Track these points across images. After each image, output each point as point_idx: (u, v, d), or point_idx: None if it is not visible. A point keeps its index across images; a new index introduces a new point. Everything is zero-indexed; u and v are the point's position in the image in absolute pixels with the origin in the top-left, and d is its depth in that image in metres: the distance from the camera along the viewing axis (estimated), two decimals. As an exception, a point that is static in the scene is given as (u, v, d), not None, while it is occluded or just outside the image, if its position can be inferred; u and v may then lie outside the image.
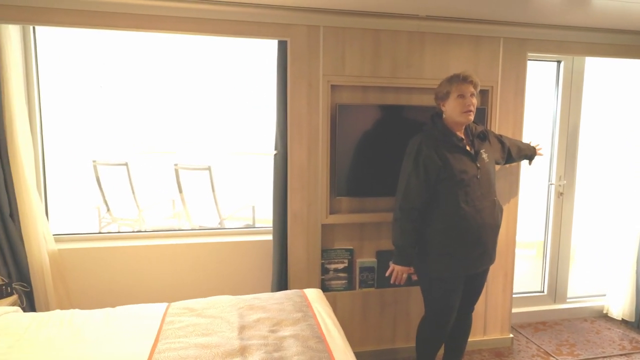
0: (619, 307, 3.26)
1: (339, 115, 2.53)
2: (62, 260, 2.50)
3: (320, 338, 1.62)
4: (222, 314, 1.80)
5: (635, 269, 3.17)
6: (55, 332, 1.67)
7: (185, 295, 2.66)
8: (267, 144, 2.65)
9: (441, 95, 2.15)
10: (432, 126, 2.16)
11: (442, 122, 2.14)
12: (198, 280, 2.72)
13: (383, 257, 2.74)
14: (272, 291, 2.58)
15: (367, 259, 2.75)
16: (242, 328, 1.69)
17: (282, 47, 2.50)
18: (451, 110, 2.10)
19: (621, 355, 2.86)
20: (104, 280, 2.59)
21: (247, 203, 4.45)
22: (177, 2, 2.29)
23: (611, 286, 3.32)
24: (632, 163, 3.17)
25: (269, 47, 2.61)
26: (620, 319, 3.28)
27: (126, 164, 4.34)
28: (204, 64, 4.20)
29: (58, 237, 2.60)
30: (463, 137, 2.14)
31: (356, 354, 2.72)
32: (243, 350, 1.53)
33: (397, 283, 2.18)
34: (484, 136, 2.23)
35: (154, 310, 1.84)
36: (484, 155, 2.16)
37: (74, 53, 4.09)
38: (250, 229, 2.95)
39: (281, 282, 2.62)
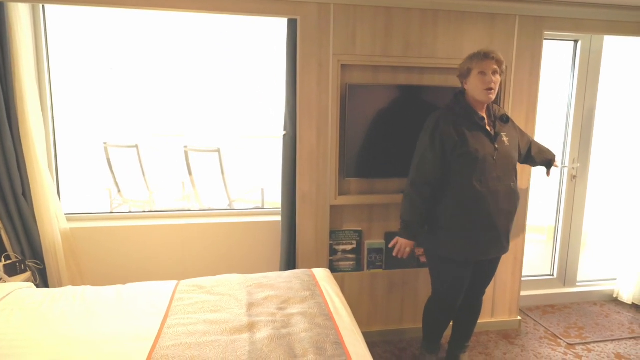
0: (630, 291, 3.22)
1: (349, 96, 2.49)
2: (74, 239, 2.53)
3: (328, 316, 1.62)
4: (230, 292, 1.81)
5: (647, 253, 3.12)
6: (67, 308, 1.69)
7: (195, 274, 2.69)
8: (276, 126, 2.62)
9: (463, 72, 2.09)
10: (454, 102, 2.11)
11: (465, 100, 2.09)
12: (207, 260, 2.74)
13: (391, 239, 2.71)
14: (280, 270, 2.59)
15: (375, 241, 2.74)
16: (250, 305, 1.70)
17: (292, 26, 2.45)
18: (473, 87, 2.04)
19: (630, 338, 2.84)
20: (116, 259, 2.62)
21: (256, 185, 4.45)
22: (185, -22, 2.25)
23: (622, 270, 3.27)
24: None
25: (279, 26, 2.56)
26: (631, 303, 3.24)
27: (136, 146, 4.36)
28: (214, 45, 4.15)
29: (70, 217, 2.63)
30: (485, 116, 2.09)
31: (364, 334, 2.74)
32: (251, 327, 1.53)
33: (399, 256, 2.16)
34: (507, 119, 2.17)
35: (164, 288, 1.85)
36: (505, 138, 2.09)
37: (84, 34, 4.07)
38: (259, 209, 2.95)
39: (289, 263, 2.62)
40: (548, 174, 2.44)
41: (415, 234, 2.13)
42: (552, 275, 3.37)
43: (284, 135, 2.54)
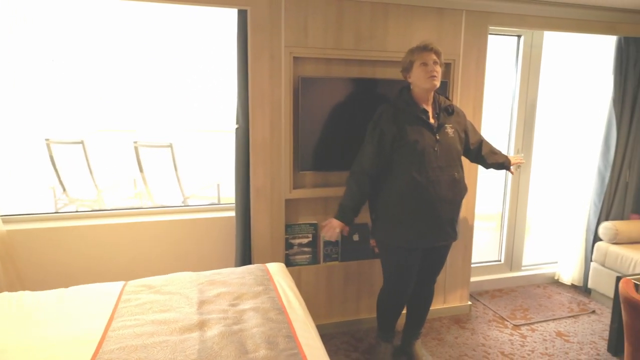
0: (569, 273, 3.43)
1: (301, 88, 2.47)
2: (12, 242, 2.36)
3: (281, 310, 1.61)
4: (181, 290, 1.75)
5: (584, 237, 3.33)
6: (1, 315, 1.58)
7: (148, 274, 2.59)
8: (229, 119, 2.56)
9: (406, 67, 2.16)
10: (398, 96, 2.19)
11: (409, 94, 2.16)
12: (160, 259, 2.64)
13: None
14: (235, 266, 2.54)
15: (331, 233, 2.74)
16: (201, 303, 1.65)
17: (242, 17, 2.39)
18: (416, 79, 2.11)
19: (569, 317, 3.02)
20: (61, 262, 2.47)
21: (212, 181, 4.35)
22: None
23: (562, 254, 3.48)
24: (585, 137, 3.29)
25: (230, 18, 2.49)
26: (570, 284, 3.45)
27: (82, 142, 4.13)
28: (164, 36, 3.99)
29: (7, 218, 2.45)
30: (429, 109, 2.14)
31: (321, 326, 2.77)
32: (202, 325, 1.49)
33: (327, 236, 2.21)
34: (452, 110, 2.20)
35: (110, 289, 1.77)
36: (449, 130, 2.15)
37: (23, 23, 3.79)
38: (212, 205, 2.88)
39: (245, 258, 2.58)
40: (511, 172, 2.53)
41: (349, 219, 2.19)
42: (500, 260, 3.53)
43: (236, 129, 2.49)
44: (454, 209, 2.17)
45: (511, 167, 2.46)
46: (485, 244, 3.66)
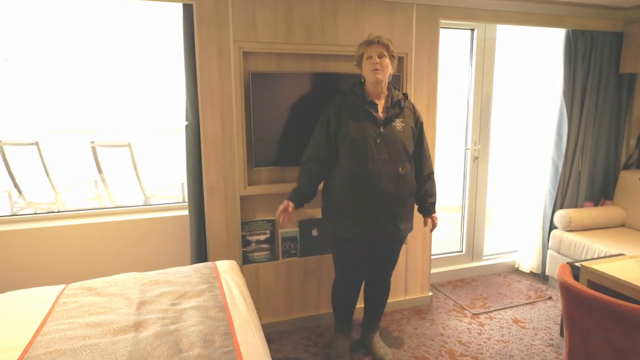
0: (528, 262, 3.51)
1: (252, 84, 2.44)
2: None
3: (223, 307, 1.58)
4: (123, 291, 1.71)
5: (541, 225, 3.41)
6: None
7: (105, 275, 2.53)
8: (180, 117, 2.51)
9: (357, 60, 2.19)
10: (349, 89, 2.21)
11: (360, 87, 2.18)
12: (117, 260, 2.59)
13: (306, 227, 2.74)
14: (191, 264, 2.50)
15: (289, 229, 2.73)
16: (141, 304, 1.61)
17: (188, 12, 2.34)
18: (364, 72, 2.15)
19: (527, 304, 3.09)
20: (18, 265, 2.39)
21: (175, 180, 4.27)
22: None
23: (521, 242, 3.56)
24: (539, 128, 3.36)
25: (176, 12, 2.44)
26: (529, 271, 3.53)
27: (37, 144, 3.99)
28: (115, 35, 3.88)
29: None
30: (380, 102, 2.16)
31: (281, 323, 2.76)
32: (138, 326, 1.45)
33: (279, 217, 2.19)
34: (402, 106, 2.18)
35: (47, 293, 1.71)
36: (397, 124, 2.14)
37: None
38: (168, 204, 2.82)
39: (200, 257, 2.54)
40: (424, 222, 2.35)
41: (299, 201, 2.21)
42: (462, 251, 3.58)
43: (186, 126, 2.44)
44: (397, 204, 2.14)
45: (427, 221, 2.35)
46: (448, 235, 3.71)
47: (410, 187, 2.18)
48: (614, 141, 3.45)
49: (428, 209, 2.31)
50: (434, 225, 2.37)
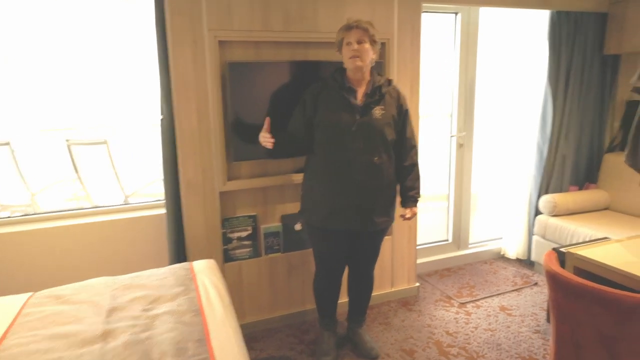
0: (514, 248, 3.49)
1: (230, 74, 2.33)
2: None
3: (198, 311, 1.50)
4: (92, 298, 1.62)
5: (527, 211, 3.38)
6: None
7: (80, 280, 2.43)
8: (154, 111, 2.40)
9: (338, 46, 2.10)
10: (330, 75, 2.13)
11: (341, 73, 2.10)
12: (93, 263, 2.49)
13: (289, 221, 2.66)
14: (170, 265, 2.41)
15: (272, 224, 2.65)
16: (111, 311, 1.52)
17: (159, 0, 2.21)
18: (344, 59, 2.07)
19: (513, 290, 3.07)
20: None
21: (156, 176, 4.15)
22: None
23: (507, 229, 3.53)
24: (523, 112, 3.31)
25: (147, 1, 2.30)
26: (515, 258, 3.51)
27: (8, 144, 3.83)
28: (89, 30, 3.71)
29: None
30: (361, 89, 2.07)
31: (266, 320, 2.69)
32: (106, 335, 1.37)
33: (262, 141, 2.11)
34: (382, 92, 2.07)
35: (11, 303, 1.60)
36: (377, 111, 2.05)
37: None
38: (146, 203, 2.71)
39: (179, 257, 2.45)
40: (404, 214, 2.20)
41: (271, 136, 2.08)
42: (448, 240, 3.54)
43: (161, 120, 2.33)
44: (371, 195, 2.06)
45: (405, 212, 2.21)
46: (435, 224, 3.67)
47: (386, 178, 2.08)
48: (598, 124, 3.42)
49: (407, 202, 2.20)
50: (407, 218, 2.21)
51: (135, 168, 4.29)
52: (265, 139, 2.07)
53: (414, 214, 2.24)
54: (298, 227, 2.68)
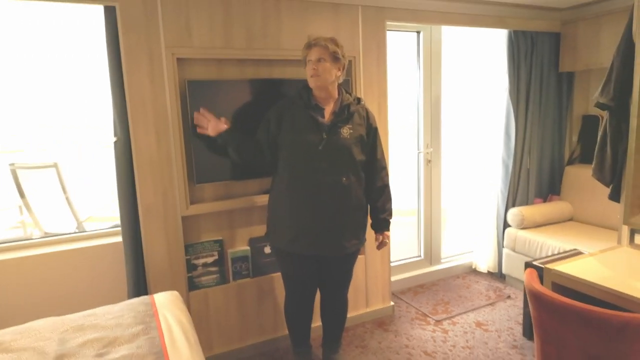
0: (485, 261, 3.48)
1: (189, 93, 2.20)
2: None
3: (160, 353, 1.34)
4: (36, 343, 1.42)
5: (495, 224, 3.40)
6: None
7: (30, 319, 2.18)
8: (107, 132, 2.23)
9: (304, 64, 2.02)
10: (296, 93, 2.04)
11: (307, 91, 2.01)
12: (41, 301, 2.24)
13: (256, 244, 2.52)
14: (129, 299, 2.21)
15: (239, 248, 2.50)
16: (59, 358, 1.33)
17: (111, 15, 2.07)
18: (307, 76, 1.99)
19: (487, 305, 3.04)
20: None
21: (113, 200, 3.91)
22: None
23: (477, 242, 3.53)
24: (488, 128, 3.36)
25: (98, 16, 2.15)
26: (487, 271, 3.51)
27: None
28: (38, 45, 3.47)
29: None
30: (329, 107, 1.99)
31: (236, 351, 2.51)
32: (50, 391, 1.19)
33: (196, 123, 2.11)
34: (351, 111, 1.98)
35: (-63, 355, 1.38)
36: (345, 130, 1.95)
37: None
38: (102, 230, 2.51)
39: (139, 288, 2.25)
40: (376, 239, 2.14)
41: (221, 125, 2.07)
42: (420, 256, 3.50)
43: (115, 142, 2.16)
44: (339, 218, 1.95)
45: (378, 237, 2.15)
46: (406, 240, 3.62)
47: (355, 200, 1.97)
48: (558, 138, 3.51)
49: (379, 226, 2.11)
50: (382, 244, 2.14)
51: (90, 191, 4.02)
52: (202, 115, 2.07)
53: (388, 239, 2.15)
54: (267, 250, 2.55)
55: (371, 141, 2.04)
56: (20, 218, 3.73)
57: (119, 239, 2.36)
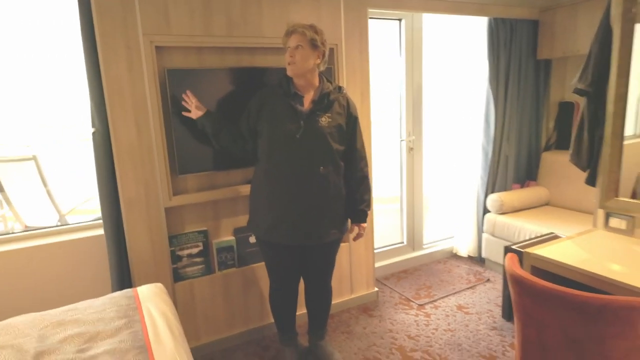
0: (465, 246, 3.51)
1: (169, 82, 2.12)
2: None
3: (144, 347, 1.30)
4: (14, 341, 1.36)
5: (476, 210, 3.42)
6: None
7: (14, 314, 2.10)
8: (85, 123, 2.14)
9: (284, 51, 1.94)
10: (278, 80, 1.99)
11: (287, 79, 1.95)
12: (22, 297, 2.16)
13: (241, 234, 2.48)
14: (113, 292, 2.15)
15: (224, 239, 2.45)
16: (39, 355, 1.28)
17: (85, 1, 1.97)
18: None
19: (468, 288, 3.08)
20: None
21: (95, 193, 3.79)
22: None
23: (458, 228, 3.56)
24: (468, 115, 3.36)
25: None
26: (467, 255, 3.54)
27: None
28: (11, 32, 3.30)
29: None
30: (308, 95, 1.94)
31: (223, 340, 2.48)
32: (30, 390, 1.14)
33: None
34: (330, 99, 1.93)
35: None
36: (323, 119, 1.90)
37: None
38: (84, 223, 2.42)
39: (123, 281, 2.19)
40: (351, 229, 2.10)
41: (202, 108, 2.07)
42: (403, 242, 3.51)
43: (93, 134, 2.08)
44: (316, 207, 1.91)
45: (354, 228, 2.11)
46: (389, 226, 3.62)
47: (333, 189, 1.93)
48: (535, 124, 3.54)
49: (357, 216, 2.07)
50: (358, 235, 2.11)
51: (72, 184, 3.89)
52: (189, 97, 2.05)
53: (363, 230, 2.12)
54: (252, 239, 2.51)
55: (351, 130, 1.99)
56: (0, 212, 3.59)
57: (99, 231, 2.29)
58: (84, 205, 3.75)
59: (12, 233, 2.30)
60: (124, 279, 2.20)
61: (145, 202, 2.18)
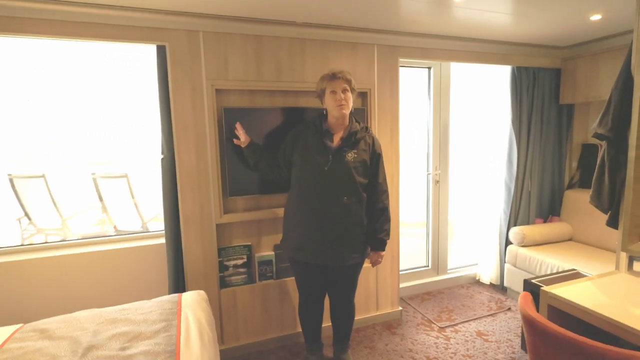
0: (488, 274, 3.19)
1: (225, 118, 2.15)
2: None
3: (173, 352, 1.24)
4: (74, 333, 1.35)
5: (498, 241, 3.11)
6: None
7: (98, 305, 2.16)
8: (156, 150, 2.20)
9: (319, 93, 1.91)
10: (312, 119, 1.94)
11: (322, 118, 1.90)
12: (108, 289, 2.23)
13: (280, 250, 2.41)
14: (167, 295, 2.15)
15: (265, 253, 2.39)
16: (88, 349, 1.26)
17: (162, 52, 2.06)
18: (328, 105, 1.87)
19: (488, 315, 2.76)
20: (26, 295, 2.04)
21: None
22: (37, 2, 1.78)
23: (481, 256, 3.24)
24: (492, 153, 3.10)
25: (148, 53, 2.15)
26: (489, 283, 3.21)
27: (44, 176, 3.65)
28: (105, 80, 3.57)
29: None
30: (339, 133, 1.87)
31: (258, 343, 2.37)
32: (73, 381, 1.11)
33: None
34: (358, 138, 1.85)
35: (-6, 338, 1.35)
36: (350, 155, 1.82)
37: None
38: (153, 232, 2.48)
39: (178, 285, 2.19)
40: (370, 257, 1.96)
41: (250, 142, 2.06)
42: (428, 266, 3.25)
43: (162, 159, 2.13)
44: (338, 233, 1.81)
45: (372, 256, 1.96)
46: (414, 250, 3.38)
47: (355, 217, 1.82)
48: (558, 164, 3.19)
49: (376, 244, 1.92)
50: (375, 262, 1.96)
51: (153, 198, 4.08)
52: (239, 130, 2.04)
53: (381, 258, 1.97)
54: (289, 256, 2.42)
55: (374, 166, 1.90)
56: (100, 217, 3.83)
57: (155, 241, 2.32)
58: (161, 214, 3.90)
59: (106, 236, 2.39)
60: (179, 283, 2.19)
61: (200, 219, 2.18)
